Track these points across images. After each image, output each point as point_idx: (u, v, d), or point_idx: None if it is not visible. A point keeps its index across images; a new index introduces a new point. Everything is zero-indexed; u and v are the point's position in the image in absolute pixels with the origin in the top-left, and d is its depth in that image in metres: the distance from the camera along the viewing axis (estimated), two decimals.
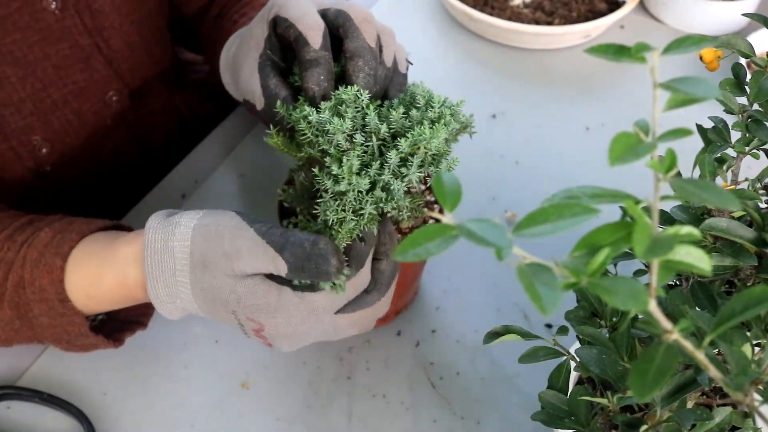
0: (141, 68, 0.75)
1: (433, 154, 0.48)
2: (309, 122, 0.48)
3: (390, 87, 0.53)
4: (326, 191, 0.47)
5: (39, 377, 0.62)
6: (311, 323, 0.49)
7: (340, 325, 0.50)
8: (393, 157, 0.46)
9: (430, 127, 0.47)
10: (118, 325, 0.60)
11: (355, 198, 0.46)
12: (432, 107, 0.49)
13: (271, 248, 0.47)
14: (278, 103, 0.51)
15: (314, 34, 0.50)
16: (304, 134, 0.48)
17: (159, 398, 0.61)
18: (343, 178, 0.46)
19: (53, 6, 0.64)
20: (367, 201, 0.46)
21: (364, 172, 0.46)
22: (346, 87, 0.49)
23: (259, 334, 0.50)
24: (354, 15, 0.51)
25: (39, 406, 0.60)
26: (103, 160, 0.77)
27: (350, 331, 0.51)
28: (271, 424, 0.60)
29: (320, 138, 0.47)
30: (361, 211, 0.47)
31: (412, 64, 0.57)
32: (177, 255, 0.49)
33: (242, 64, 0.55)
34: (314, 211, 0.48)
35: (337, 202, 0.47)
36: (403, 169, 0.47)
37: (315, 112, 0.48)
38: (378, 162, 0.47)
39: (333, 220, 0.47)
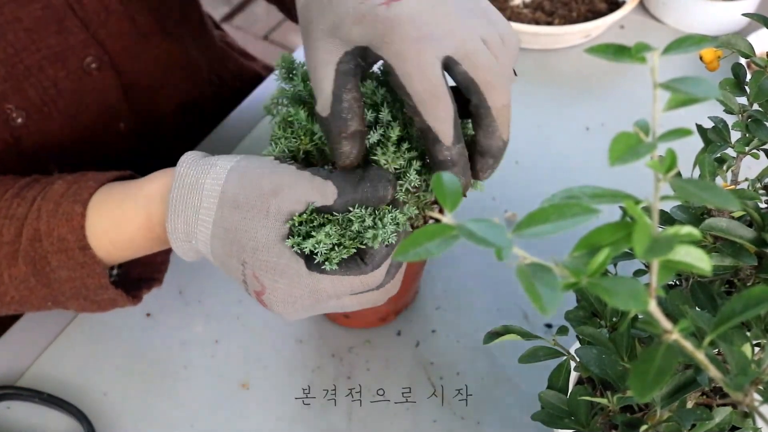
0: (121, 35, 0.70)
1: None
2: (313, 132, 0.48)
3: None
4: None
5: (39, 377, 0.62)
6: (311, 302, 0.46)
7: (346, 305, 0.48)
8: (395, 133, 0.46)
9: None
10: (133, 283, 0.59)
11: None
12: None
13: (318, 176, 0.44)
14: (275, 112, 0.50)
15: (446, 128, 0.42)
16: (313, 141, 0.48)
17: (159, 398, 0.61)
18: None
19: None
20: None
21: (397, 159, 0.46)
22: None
23: (259, 297, 0.47)
24: (492, 102, 0.43)
25: (39, 406, 0.60)
26: (93, 146, 0.73)
27: (356, 307, 0.49)
28: (271, 424, 0.60)
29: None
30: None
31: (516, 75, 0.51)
32: (206, 192, 0.47)
33: (316, 36, 0.45)
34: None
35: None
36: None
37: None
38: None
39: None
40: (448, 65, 0.43)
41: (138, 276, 0.59)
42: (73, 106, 0.68)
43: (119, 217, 0.51)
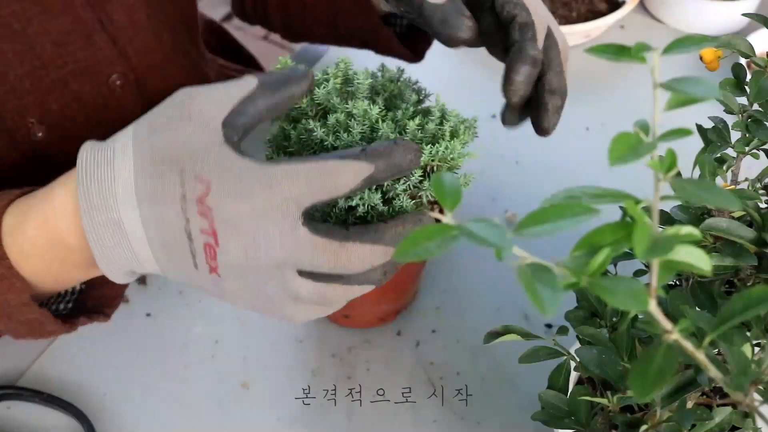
0: (148, 53, 0.69)
1: (448, 168, 0.48)
2: (311, 138, 0.48)
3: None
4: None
5: (39, 377, 0.62)
6: (265, 207, 0.39)
7: (302, 240, 0.39)
8: (416, 175, 0.46)
9: (450, 140, 0.47)
10: (77, 314, 0.54)
11: (363, 212, 0.46)
12: (447, 120, 0.49)
13: (242, 80, 0.42)
14: (271, 129, 0.50)
15: (542, 32, 0.48)
16: (311, 147, 0.48)
17: (159, 398, 0.61)
18: (356, 193, 0.45)
19: None
20: (372, 216, 0.46)
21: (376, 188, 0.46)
22: (396, 107, 0.50)
23: (203, 205, 0.39)
24: (535, 20, 0.48)
25: (39, 406, 0.60)
26: None
27: (317, 256, 0.40)
28: (271, 424, 0.60)
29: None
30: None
31: None
32: (119, 140, 0.42)
33: None
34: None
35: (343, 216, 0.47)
36: (421, 184, 0.47)
37: (319, 127, 0.47)
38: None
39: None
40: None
41: (91, 308, 0.56)
42: (92, 122, 0.67)
43: (25, 221, 0.46)
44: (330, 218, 0.47)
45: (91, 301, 0.56)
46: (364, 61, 0.61)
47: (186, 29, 0.75)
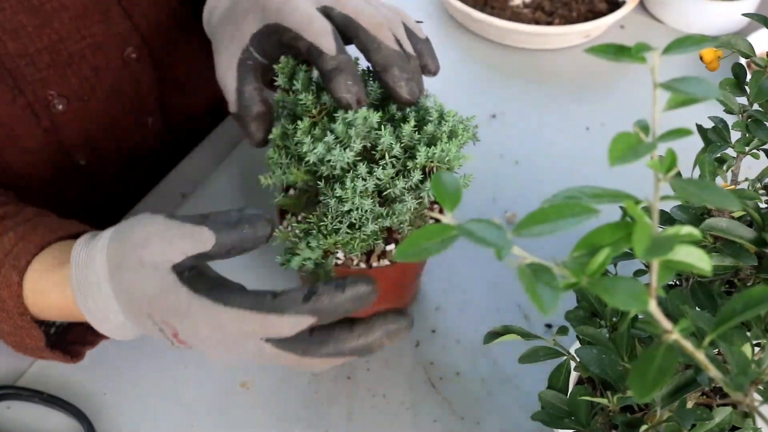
0: (161, 26, 0.71)
1: (447, 169, 0.48)
2: (307, 161, 0.48)
3: (423, 59, 0.52)
4: (328, 208, 0.47)
5: (39, 377, 0.62)
6: (224, 339, 0.44)
7: (267, 354, 0.44)
8: (416, 175, 0.46)
9: (447, 142, 0.47)
10: (81, 332, 0.58)
11: (357, 216, 0.46)
12: (446, 121, 0.49)
13: (189, 224, 0.44)
14: (273, 129, 0.51)
15: (327, 40, 0.48)
16: (307, 161, 0.48)
17: (159, 398, 0.61)
18: (347, 199, 0.45)
19: None
20: (367, 218, 0.46)
21: (368, 192, 0.46)
22: (393, 102, 0.49)
23: (178, 339, 0.46)
24: (365, 23, 0.49)
25: (39, 406, 0.60)
26: (122, 139, 0.73)
27: (281, 361, 0.45)
28: (271, 424, 0.60)
29: (323, 166, 0.47)
30: (363, 228, 0.47)
31: (422, 22, 0.56)
32: (98, 264, 0.47)
33: (220, 50, 0.54)
34: (321, 223, 0.48)
35: (338, 218, 0.47)
36: (420, 185, 0.47)
37: (314, 148, 0.47)
38: (389, 176, 0.47)
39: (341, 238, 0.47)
40: (328, 15, 0.50)
41: (87, 325, 0.58)
42: (110, 95, 0.69)
43: (46, 293, 0.51)
44: (323, 222, 0.47)
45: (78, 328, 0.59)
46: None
47: (197, 4, 0.74)
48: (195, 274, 0.45)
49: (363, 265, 0.55)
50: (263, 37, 0.52)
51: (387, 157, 0.47)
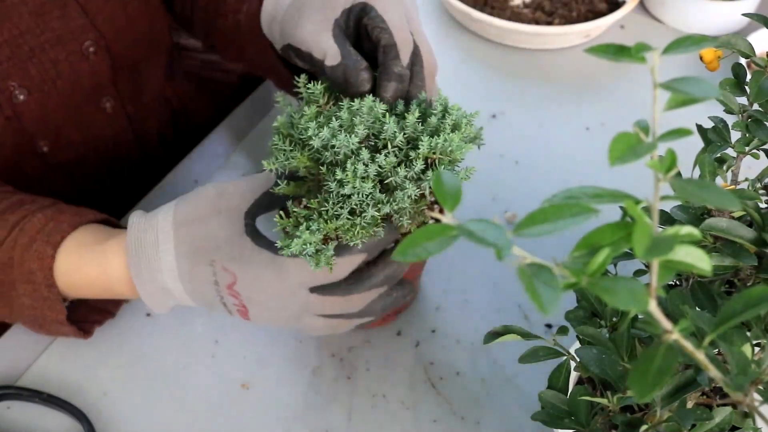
0: (115, 20, 0.73)
1: (449, 161, 0.49)
2: (311, 146, 0.48)
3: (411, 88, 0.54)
4: (329, 193, 0.47)
5: (39, 377, 0.62)
6: (280, 290, 0.50)
7: (312, 303, 0.51)
8: (418, 164, 0.46)
9: (450, 133, 0.48)
10: (87, 311, 0.63)
11: (358, 201, 0.46)
12: (449, 114, 0.50)
13: (253, 174, 0.52)
14: (279, 118, 0.51)
15: (407, 51, 0.52)
16: (311, 147, 0.48)
17: (159, 398, 0.61)
18: (348, 182, 0.46)
19: None
20: (368, 204, 0.47)
21: (369, 176, 0.46)
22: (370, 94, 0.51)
23: (232, 290, 0.51)
24: (398, 41, 0.52)
25: (39, 406, 0.60)
26: (82, 125, 0.76)
27: (324, 329, 0.54)
28: (271, 424, 0.60)
29: (326, 152, 0.48)
30: (363, 214, 0.47)
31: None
32: (160, 226, 0.52)
33: (308, 15, 0.54)
34: (322, 209, 0.48)
35: (339, 204, 0.47)
36: (423, 175, 0.47)
37: (317, 131, 0.48)
38: (391, 165, 0.47)
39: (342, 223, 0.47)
40: (363, 10, 0.54)
41: (93, 305, 0.63)
42: (69, 86, 0.71)
43: (82, 266, 0.55)
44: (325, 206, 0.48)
45: (94, 299, 0.63)
46: None
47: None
48: (256, 231, 0.51)
49: None
50: (350, 15, 0.54)
51: (390, 146, 0.47)
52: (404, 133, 0.48)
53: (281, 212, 0.51)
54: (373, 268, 0.51)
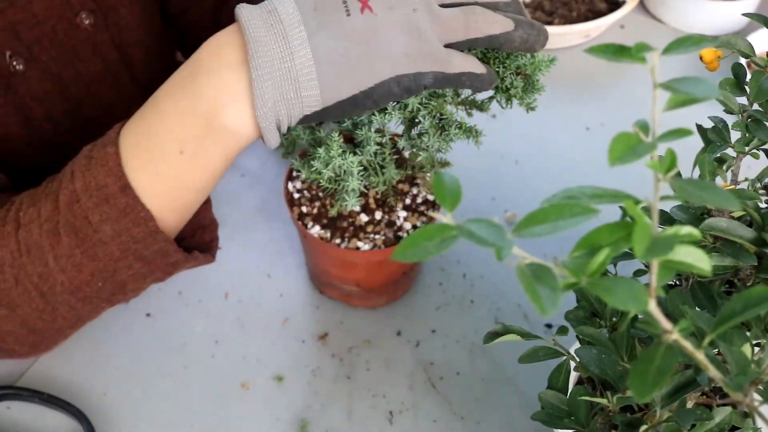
0: None
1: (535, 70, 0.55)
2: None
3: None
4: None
5: (39, 377, 0.62)
6: None
7: (456, 63, 0.49)
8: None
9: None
10: (191, 228, 0.56)
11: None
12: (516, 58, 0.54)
13: None
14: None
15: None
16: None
17: (159, 398, 0.61)
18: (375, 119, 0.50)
19: None
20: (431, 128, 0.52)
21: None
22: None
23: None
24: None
25: (39, 406, 0.60)
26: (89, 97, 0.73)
27: (463, 65, 0.51)
28: (271, 424, 0.60)
29: None
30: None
31: None
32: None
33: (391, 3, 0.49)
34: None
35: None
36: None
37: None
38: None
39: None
40: None
41: (194, 245, 0.56)
42: (67, 57, 0.70)
43: (155, 120, 0.48)
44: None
45: (192, 240, 0.56)
46: None
47: None
48: None
49: (361, 244, 0.57)
50: None
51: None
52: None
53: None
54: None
